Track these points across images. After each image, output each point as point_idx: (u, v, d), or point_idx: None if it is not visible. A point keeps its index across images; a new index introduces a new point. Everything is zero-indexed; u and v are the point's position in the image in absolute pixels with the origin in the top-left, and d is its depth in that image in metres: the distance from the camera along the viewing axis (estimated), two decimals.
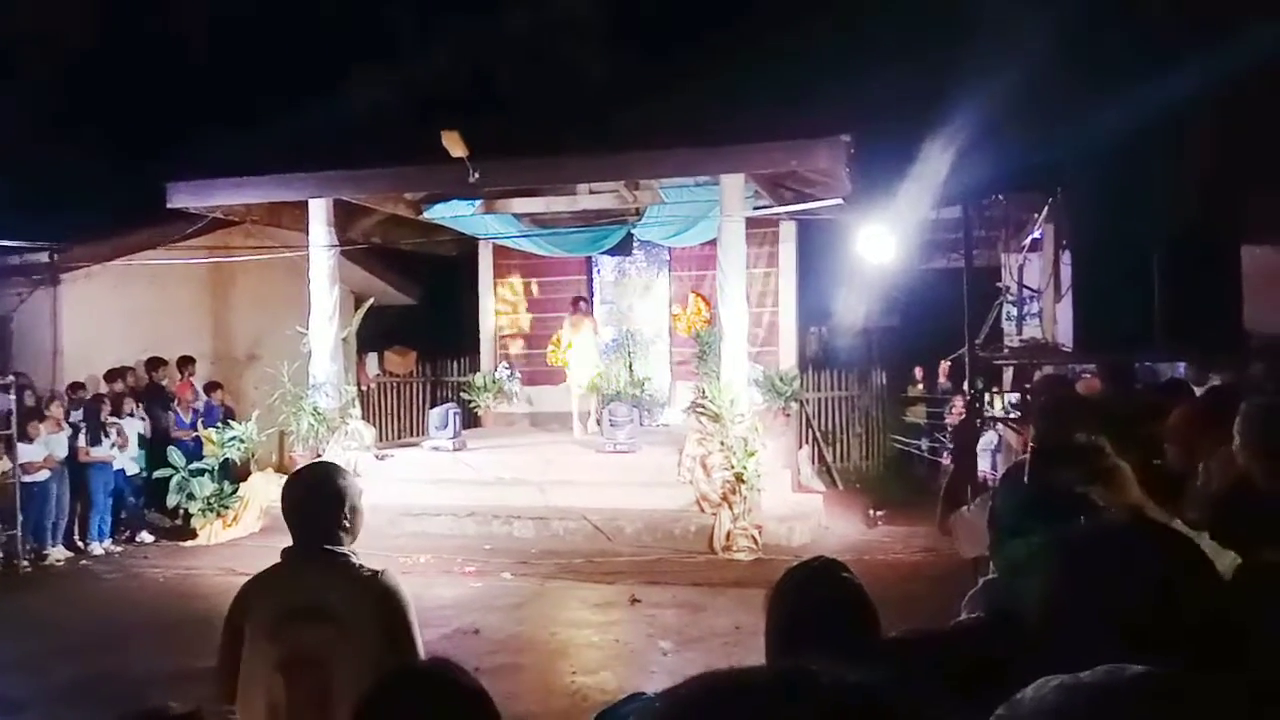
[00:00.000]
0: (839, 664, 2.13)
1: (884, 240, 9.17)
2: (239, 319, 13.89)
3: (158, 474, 10.96)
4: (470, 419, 13.77)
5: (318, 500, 2.81)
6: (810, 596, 2.24)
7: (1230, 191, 6.28)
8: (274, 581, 2.80)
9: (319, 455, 11.27)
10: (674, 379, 14.11)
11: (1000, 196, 8.23)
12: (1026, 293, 10.11)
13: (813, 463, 13.64)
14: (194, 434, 11.42)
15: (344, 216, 12.22)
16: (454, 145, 10.05)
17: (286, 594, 2.74)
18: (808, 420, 14.16)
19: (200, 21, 14.55)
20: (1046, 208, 7.83)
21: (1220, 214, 6.16)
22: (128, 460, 10.91)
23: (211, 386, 12.31)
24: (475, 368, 14.89)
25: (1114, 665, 1.05)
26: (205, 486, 10.77)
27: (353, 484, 2.88)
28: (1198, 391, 6.81)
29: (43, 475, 10.01)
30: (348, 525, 2.81)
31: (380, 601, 2.73)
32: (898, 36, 11.06)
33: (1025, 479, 2.48)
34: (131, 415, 11.08)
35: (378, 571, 2.79)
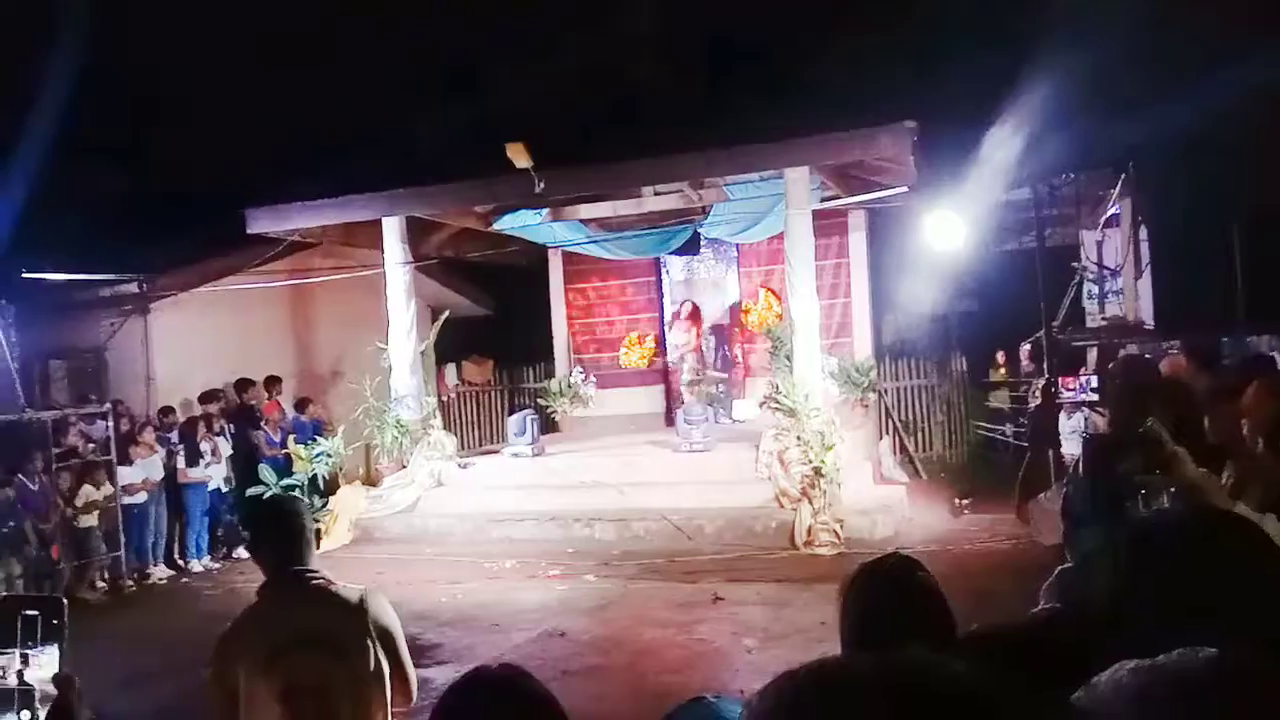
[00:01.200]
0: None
1: (954, 225, 9.04)
2: (321, 337, 14.27)
3: (250, 491, 11.31)
4: (548, 424, 13.93)
5: (282, 530, 2.86)
6: (883, 594, 2.24)
7: None
8: (261, 618, 2.81)
9: (404, 466, 11.56)
10: (748, 376, 14.07)
11: (1071, 175, 8.04)
12: (1108, 270, 9.87)
13: (894, 453, 13.48)
14: (283, 451, 11.76)
15: (417, 232, 12.48)
16: (519, 157, 10.20)
17: (276, 627, 2.75)
18: (887, 410, 14.00)
19: (274, 42, 14.98)
20: (1120, 184, 7.64)
21: None
22: (220, 479, 11.31)
23: (302, 403, 12.67)
24: (550, 374, 15.07)
25: (1188, 649, 1.06)
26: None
27: (305, 507, 2.99)
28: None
29: (141, 497, 10.43)
30: (308, 549, 2.86)
31: (370, 623, 2.77)
32: (962, 20, 10.89)
33: (1086, 469, 2.45)
34: (221, 435, 11.47)
35: (364, 592, 2.83)
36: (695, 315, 13.60)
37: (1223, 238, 5.94)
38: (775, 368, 11.79)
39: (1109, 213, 9.20)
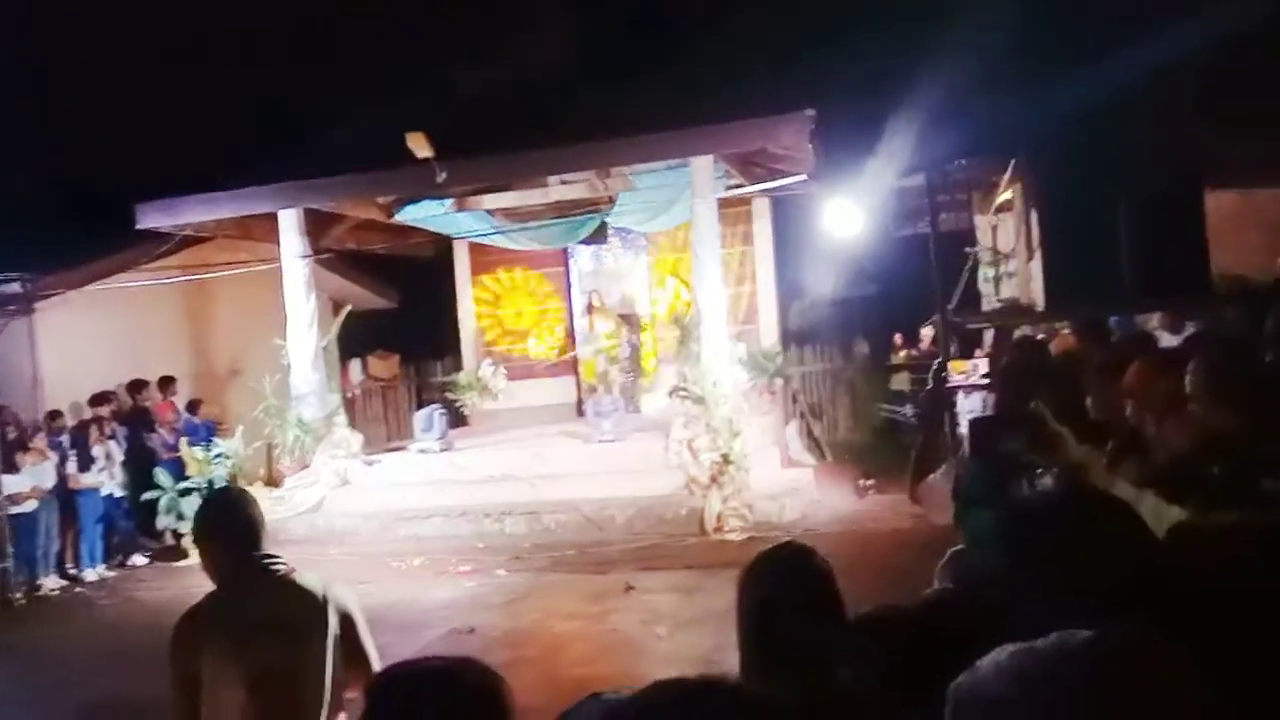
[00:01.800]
0: (805, 648, 2.15)
1: (852, 211, 9.20)
2: (218, 335, 13.84)
3: (145, 496, 10.93)
4: (457, 419, 13.76)
5: (240, 518, 2.83)
6: (779, 582, 2.27)
7: (1189, 140, 6.31)
8: (220, 607, 2.79)
9: (306, 466, 11.29)
10: (658, 364, 14.12)
11: (963, 161, 8.24)
12: (1001, 254, 10.14)
13: (801, 437, 13.68)
14: (178, 453, 11.39)
15: (316, 225, 12.18)
16: (419, 147, 10.03)
17: (238, 615, 2.72)
18: (794, 395, 14.20)
19: (159, 35, 14.44)
20: (1010, 169, 7.84)
21: (1180, 163, 6.19)
22: (114, 485, 10.89)
23: (194, 404, 12.27)
24: (459, 367, 14.88)
25: (1066, 631, 1.08)
26: (194, 505, 10.73)
27: (253, 497, 2.99)
28: (1173, 341, 6.88)
29: (30, 505, 9.98)
30: (264, 535, 2.85)
31: (334, 610, 2.78)
32: (859, 9, 11.07)
33: (972, 450, 2.52)
34: (114, 439, 11.04)
35: (326, 581, 2.84)
36: (603, 305, 13.57)
37: (1109, 219, 6.13)
38: (683, 356, 11.84)
39: (1001, 198, 9.45)
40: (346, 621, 2.81)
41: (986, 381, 6.70)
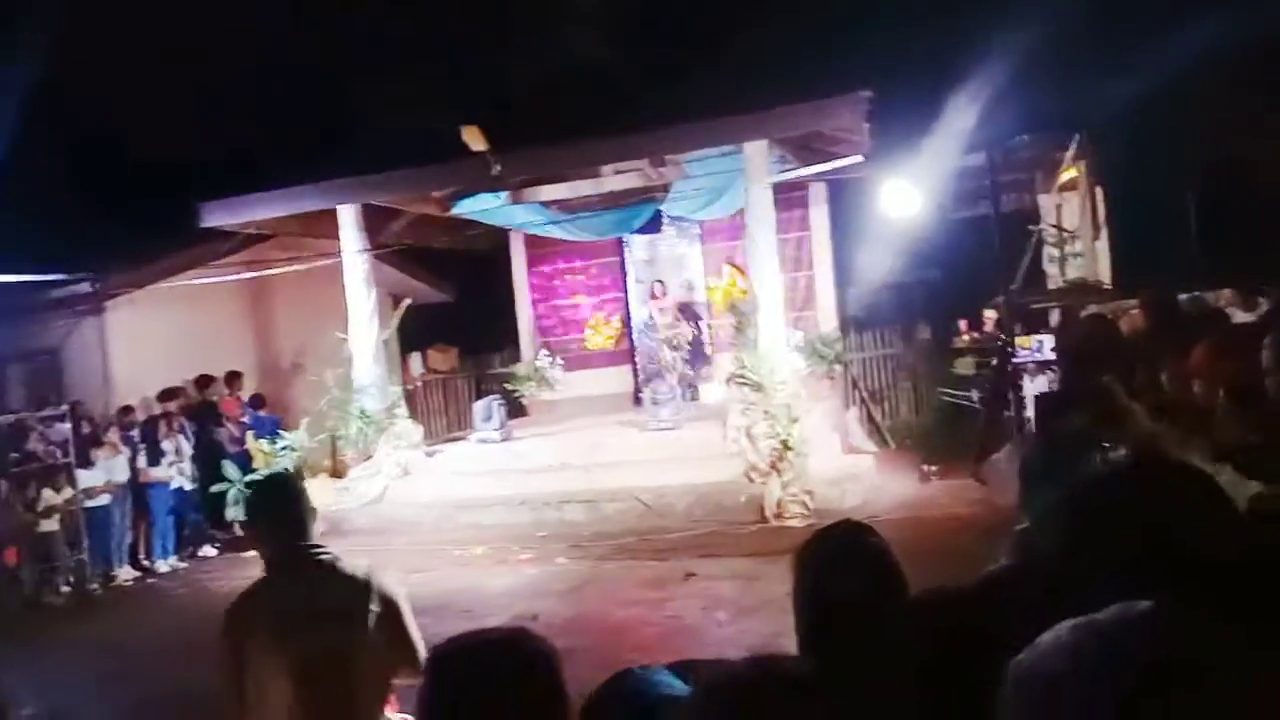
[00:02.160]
0: (862, 625, 2.10)
1: (910, 193, 9.04)
2: (281, 330, 14.09)
3: (214, 489, 11.18)
4: (516, 409, 13.86)
5: (288, 505, 2.86)
6: (832, 560, 2.23)
7: (1259, 116, 6.10)
8: (269, 592, 2.82)
9: (369, 457, 11.45)
10: (715, 351, 14.06)
11: (1025, 138, 8.06)
12: (1066, 233, 9.92)
13: (861, 423, 13.53)
14: (244, 446, 11.62)
15: (374, 220, 12.32)
16: (474, 139, 10.08)
17: (286, 601, 2.76)
18: (854, 381, 14.04)
19: (221, 34, 14.71)
20: (1074, 147, 7.66)
21: (1250, 139, 5.99)
22: (184, 478, 11.15)
23: (257, 399, 12.52)
24: (516, 359, 14.97)
25: (1124, 604, 1.04)
26: None
27: (304, 484, 3.00)
28: (1248, 317, 6.65)
29: (104, 499, 10.27)
30: (313, 523, 2.87)
31: (378, 597, 2.79)
32: None
33: (1038, 426, 2.44)
34: (182, 433, 11.31)
35: (370, 567, 2.85)
36: (666, 294, 13.57)
37: (1178, 197, 5.96)
38: (740, 343, 11.76)
39: (1065, 176, 9.24)
40: (391, 608, 2.81)
41: (1054, 358, 6.53)
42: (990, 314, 12.69)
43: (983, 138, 8.01)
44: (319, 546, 2.83)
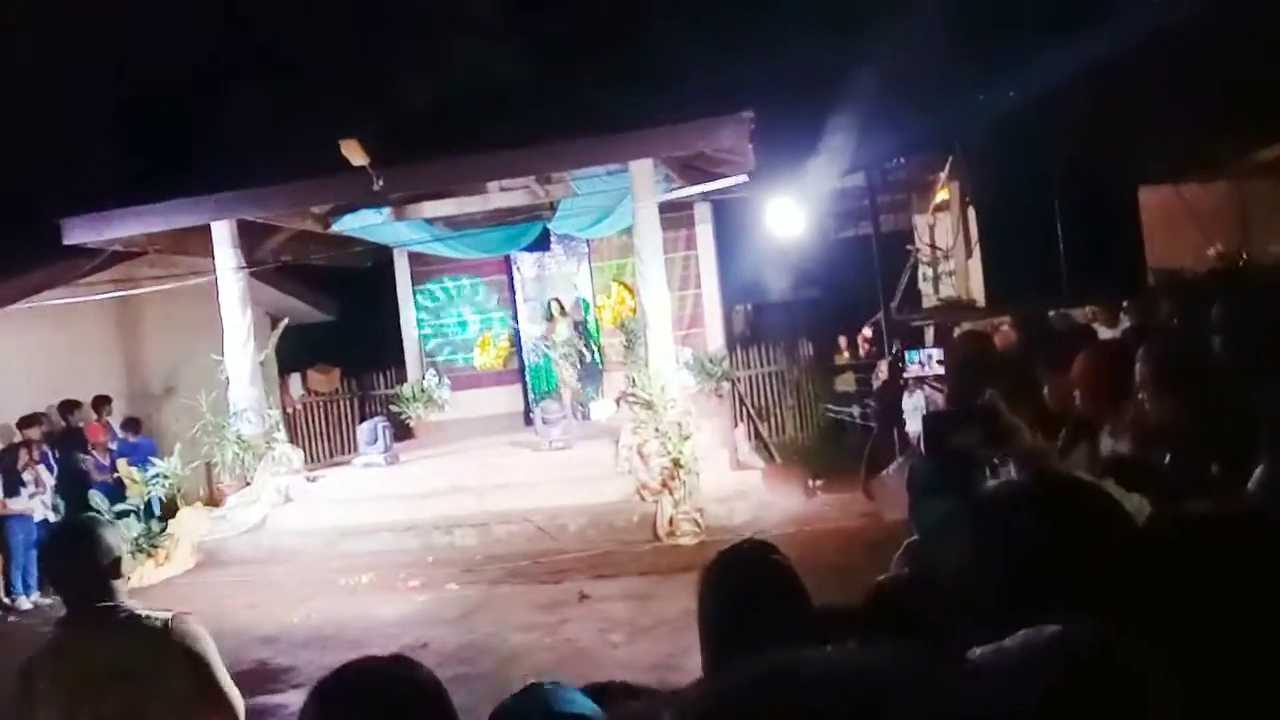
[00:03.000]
0: (769, 645, 2.09)
1: (792, 212, 9.23)
2: (152, 353, 13.48)
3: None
4: (403, 431, 13.57)
5: (83, 558, 2.66)
6: (738, 580, 2.24)
7: (1122, 138, 6.45)
8: (61, 652, 2.65)
9: (248, 484, 11.04)
10: (605, 370, 14.07)
11: (902, 160, 8.35)
12: (940, 252, 10.29)
13: (749, 440, 13.72)
14: (114, 475, 11.05)
15: (250, 237, 11.92)
16: (354, 154, 9.87)
17: (79, 661, 2.59)
18: (740, 398, 14.24)
19: (82, 43, 14.04)
20: (948, 168, 7.97)
21: (1114, 160, 6.32)
22: (47, 509, 10.52)
23: (132, 422, 11.95)
24: (402, 379, 14.67)
25: (1033, 629, 1.05)
26: (132, 527, 10.43)
27: (111, 530, 2.77)
28: (1111, 334, 7.00)
29: None
30: (118, 575, 2.69)
31: (180, 651, 2.63)
32: (797, 11, 11.14)
33: (926, 445, 2.51)
34: (43, 462, 10.68)
35: (170, 619, 2.68)
36: (564, 313, 13.51)
37: (1046, 216, 6.25)
38: (630, 361, 11.81)
39: (939, 197, 9.59)
40: (195, 660, 2.64)
41: (939, 374, 6.76)
42: (866, 332, 13.09)
43: (862, 159, 8.26)
44: (113, 604, 2.64)
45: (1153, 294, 6.74)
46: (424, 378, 14.25)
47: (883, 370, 10.80)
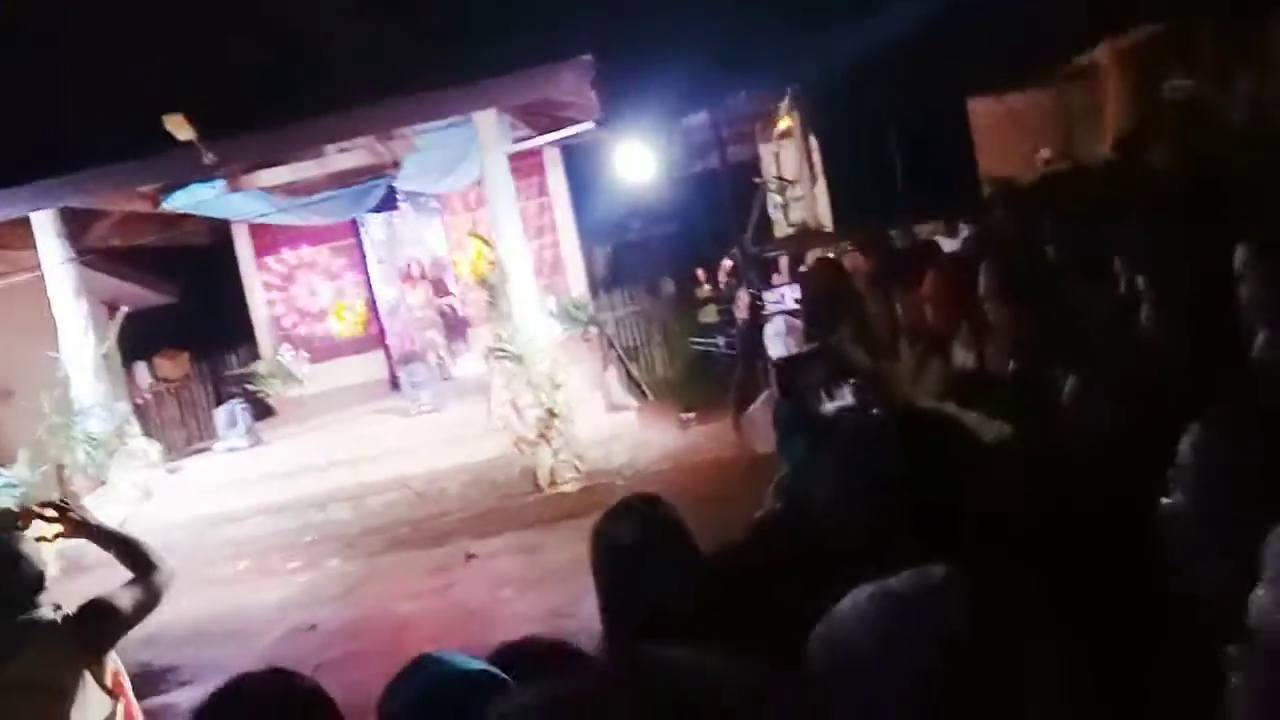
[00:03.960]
0: (661, 597, 2.13)
1: (642, 153, 9.24)
2: None
3: None
4: (263, 411, 13.11)
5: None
6: (625, 536, 2.26)
7: (945, 53, 6.67)
8: None
9: (103, 483, 10.52)
10: (470, 326, 13.88)
11: (743, 94, 8.44)
12: (786, 182, 10.49)
13: (621, 381, 13.81)
14: None
15: (75, 224, 11.18)
16: (179, 129, 9.35)
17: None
18: (609, 340, 14.29)
19: None
20: (788, 99, 8.10)
21: (941, 77, 6.54)
22: None
23: None
24: (256, 357, 14.12)
25: (920, 570, 1.08)
26: None
27: (27, 540, 2.69)
28: (953, 245, 7.31)
29: None
30: (37, 588, 2.63)
31: (78, 632, 2.61)
32: None
33: (779, 388, 2.58)
34: None
35: (71, 609, 2.65)
36: (424, 274, 13.20)
37: (883, 138, 6.43)
38: (495, 316, 11.67)
39: (781, 126, 9.75)
40: (93, 612, 2.65)
41: (796, 308, 6.93)
42: (726, 264, 13.29)
43: (703, 96, 8.30)
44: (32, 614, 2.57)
45: (988, 203, 7.04)
46: (278, 353, 13.75)
47: (743, 301, 11.01)
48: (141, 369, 14.02)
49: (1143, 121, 8.58)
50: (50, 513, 2.76)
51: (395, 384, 12.96)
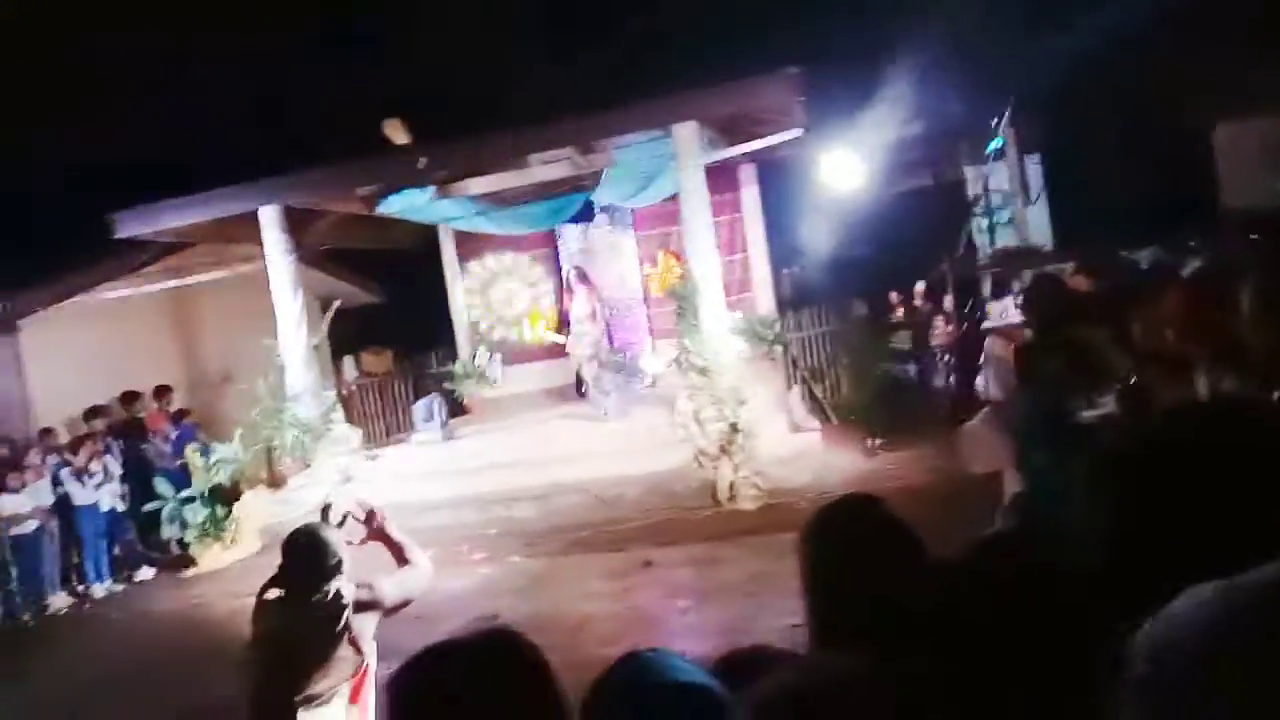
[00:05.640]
0: (880, 597, 1.97)
1: (846, 167, 9.03)
2: (208, 341, 13.64)
3: (147, 507, 10.77)
4: (458, 408, 13.61)
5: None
6: (847, 532, 2.12)
7: (1196, 75, 6.18)
8: None
9: (308, 465, 11.13)
10: (654, 339, 13.98)
11: (957, 110, 8.11)
12: (994, 202, 10.03)
13: (804, 402, 13.55)
14: (179, 461, 11.21)
15: (297, 222, 11.95)
16: (396, 133, 9.84)
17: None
18: (794, 360, 14.07)
19: (123, 37, 14.12)
20: (1005, 115, 7.72)
21: (1188, 98, 6.07)
22: (114, 498, 10.71)
23: (179, 414, 12.11)
24: (454, 357, 14.69)
25: (1261, 568, 0.93)
26: (198, 513, 10.59)
27: (334, 532, 3.43)
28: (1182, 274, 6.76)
29: (30, 526, 9.81)
30: (336, 570, 3.29)
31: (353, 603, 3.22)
32: None
33: (1017, 374, 2.38)
34: (109, 452, 10.86)
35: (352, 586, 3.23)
36: (585, 280, 13.29)
37: (1113, 158, 6.02)
38: (682, 328, 11.68)
39: (994, 145, 9.32)
40: (366, 591, 3.48)
41: (1019, 322, 6.57)
42: (920, 287, 12.83)
43: (914, 110, 8.03)
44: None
45: (1232, 230, 6.48)
46: (475, 354, 14.24)
47: (940, 325, 10.58)
48: (349, 363, 14.86)
49: None
50: (361, 515, 3.57)
51: (583, 390, 13.17)
